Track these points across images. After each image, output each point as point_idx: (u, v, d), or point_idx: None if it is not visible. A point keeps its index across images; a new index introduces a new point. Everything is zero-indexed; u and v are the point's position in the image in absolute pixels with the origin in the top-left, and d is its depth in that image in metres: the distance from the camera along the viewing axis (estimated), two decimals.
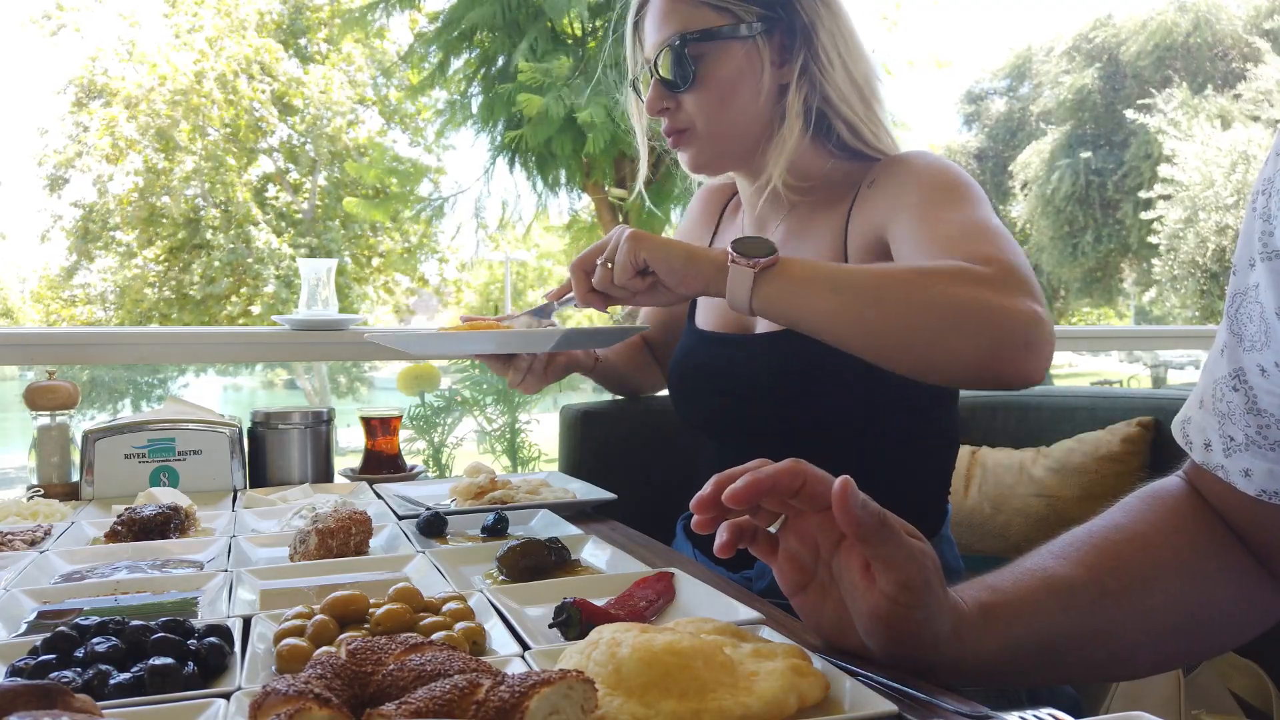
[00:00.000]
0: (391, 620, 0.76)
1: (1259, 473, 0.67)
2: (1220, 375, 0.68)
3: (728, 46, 1.19)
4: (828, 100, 1.20)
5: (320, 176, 17.22)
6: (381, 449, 1.68)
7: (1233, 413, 0.67)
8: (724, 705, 0.60)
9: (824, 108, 1.20)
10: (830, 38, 1.19)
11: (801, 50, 1.19)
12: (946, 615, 0.67)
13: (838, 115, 1.21)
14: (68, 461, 1.58)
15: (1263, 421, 0.64)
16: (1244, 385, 0.65)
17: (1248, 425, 0.65)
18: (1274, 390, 0.63)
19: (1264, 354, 0.62)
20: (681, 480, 1.50)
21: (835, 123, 1.21)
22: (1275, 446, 0.65)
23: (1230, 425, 0.67)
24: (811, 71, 1.19)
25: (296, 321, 1.91)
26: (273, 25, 17.03)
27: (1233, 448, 0.68)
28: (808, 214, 1.25)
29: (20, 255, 26.63)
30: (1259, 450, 0.66)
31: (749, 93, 1.20)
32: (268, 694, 0.55)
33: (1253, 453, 0.66)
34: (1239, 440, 0.67)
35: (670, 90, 1.22)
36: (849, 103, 1.20)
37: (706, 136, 1.23)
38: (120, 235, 16.83)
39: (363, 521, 1.10)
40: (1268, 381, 0.62)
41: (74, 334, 1.97)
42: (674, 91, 1.21)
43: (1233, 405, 0.67)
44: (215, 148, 16.33)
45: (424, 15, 8.90)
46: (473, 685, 0.55)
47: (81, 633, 0.71)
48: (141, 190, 16.33)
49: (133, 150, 16.42)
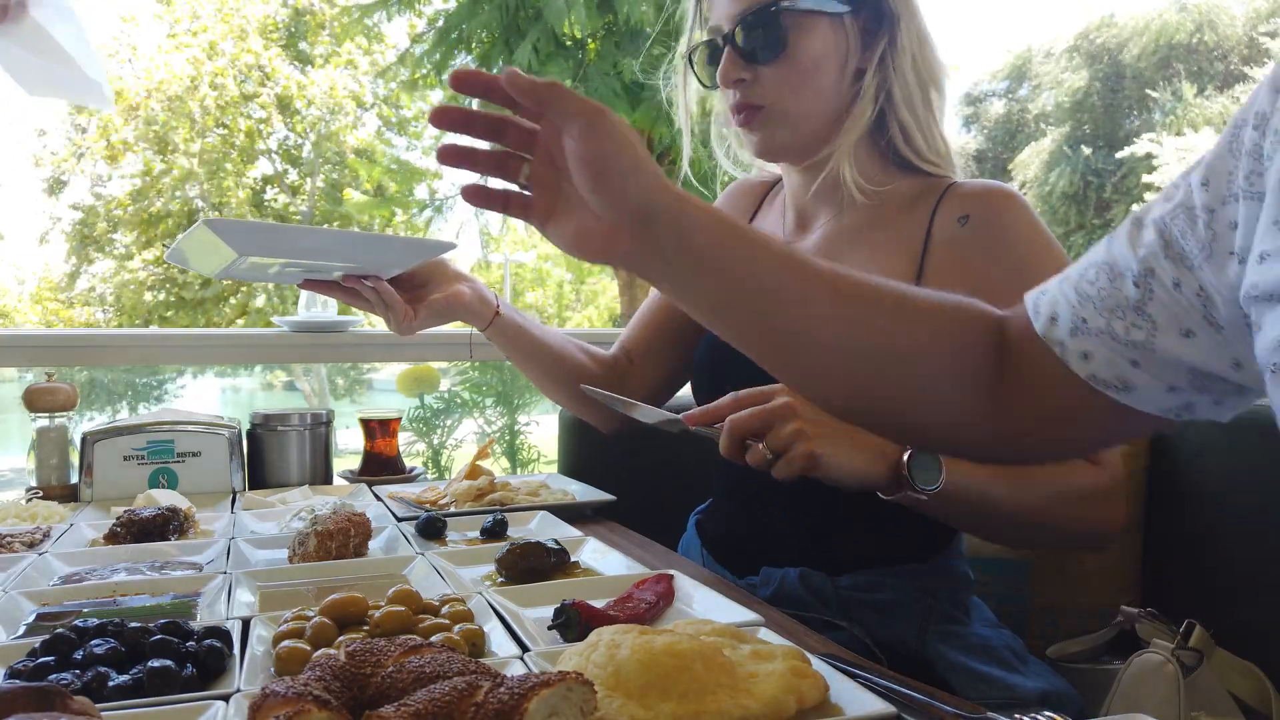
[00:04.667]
0: (390, 622, 0.76)
1: (1100, 360, 0.66)
2: (1098, 260, 0.67)
3: (817, 21, 1.13)
4: (891, 98, 1.16)
5: (319, 178, 17.22)
6: (381, 451, 1.68)
7: (1102, 300, 0.66)
8: (723, 707, 0.60)
9: (886, 105, 1.16)
10: (908, 33, 1.15)
11: (884, 38, 1.15)
12: (637, 151, 0.67)
13: (896, 116, 1.17)
14: (66, 463, 1.58)
15: (1142, 324, 0.63)
16: (1146, 284, 0.63)
17: (1121, 318, 0.65)
18: (1178, 309, 0.62)
19: (1199, 275, 0.61)
20: (682, 482, 1.50)
21: (891, 123, 1.17)
22: (1133, 348, 0.65)
23: (1090, 309, 0.66)
24: (887, 63, 1.15)
25: (295, 323, 1.91)
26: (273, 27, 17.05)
27: (1083, 330, 0.67)
28: (865, 220, 1.20)
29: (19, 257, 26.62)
30: (1112, 344, 0.65)
31: (832, 73, 1.14)
32: (267, 696, 0.55)
33: (1103, 341, 0.66)
34: (1093, 326, 0.66)
35: (750, 61, 1.13)
36: (911, 104, 1.16)
37: (784, 116, 1.16)
38: (118, 237, 16.83)
39: (362, 523, 1.10)
40: (1178, 298, 0.62)
41: (73, 336, 1.98)
42: (755, 63, 1.13)
43: (1106, 294, 0.66)
44: (213, 150, 16.34)
45: (424, 19, 8.91)
46: (472, 687, 0.55)
47: (80, 635, 0.71)
48: (140, 192, 16.34)
49: (131, 152, 16.42)
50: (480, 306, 1.31)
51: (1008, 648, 1.10)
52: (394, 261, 1.24)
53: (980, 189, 1.15)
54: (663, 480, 1.59)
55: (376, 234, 1.48)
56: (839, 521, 1.14)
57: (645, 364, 1.42)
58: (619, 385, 1.39)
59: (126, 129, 16.32)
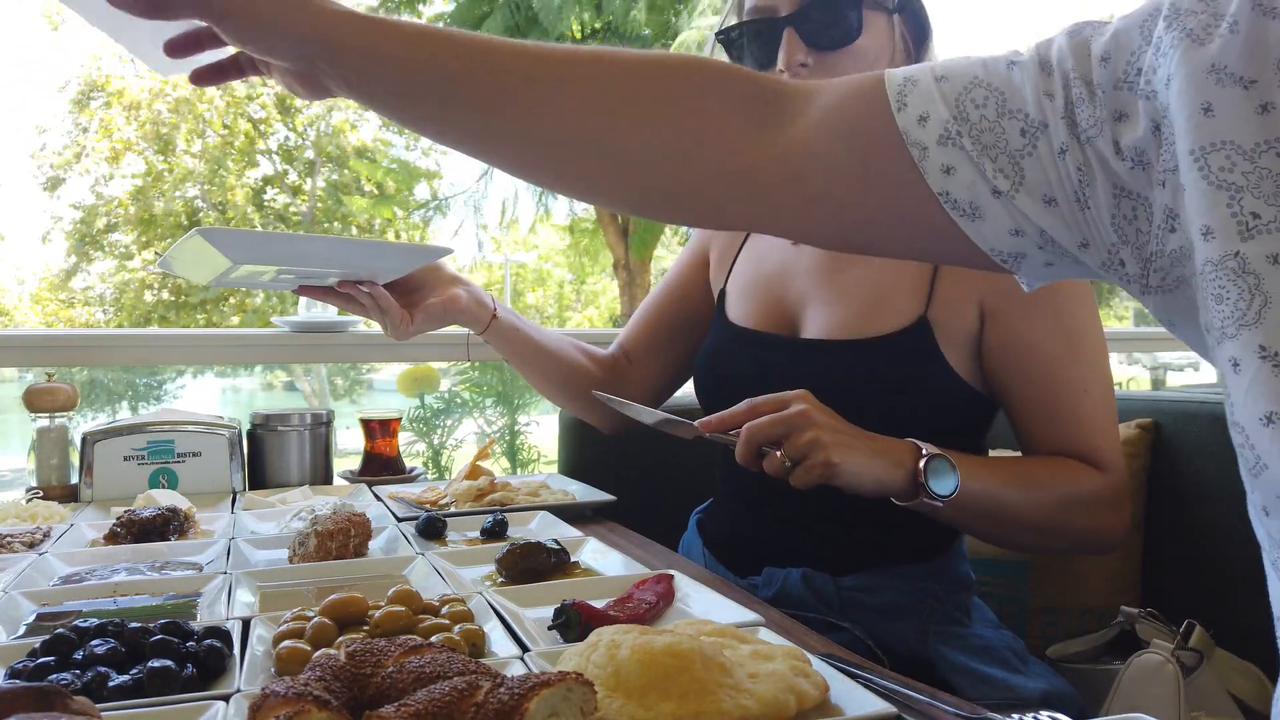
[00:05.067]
0: (391, 622, 0.76)
1: (961, 181, 0.60)
2: (994, 84, 0.60)
3: (877, 15, 1.13)
4: None
5: (319, 179, 17.23)
6: (381, 451, 1.68)
7: (982, 130, 0.60)
8: (723, 707, 0.60)
9: None
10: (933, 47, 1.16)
11: (921, 46, 1.16)
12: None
13: None
14: (66, 463, 1.58)
15: (1010, 174, 0.59)
16: (1033, 138, 0.58)
17: (992, 159, 0.59)
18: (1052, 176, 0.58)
19: (1086, 151, 0.57)
20: (682, 482, 1.50)
21: None
22: (1001, 180, 0.59)
23: (967, 130, 0.60)
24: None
25: (296, 323, 1.92)
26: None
27: (953, 144, 0.60)
28: None
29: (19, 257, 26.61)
30: (979, 171, 0.59)
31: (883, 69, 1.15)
32: (267, 696, 0.55)
33: (972, 162, 0.60)
34: (966, 148, 0.60)
35: (812, 46, 1.10)
36: None
37: None
38: (119, 237, 16.84)
39: (362, 523, 1.10)
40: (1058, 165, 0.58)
41: (73, 336, 1.98)
42: (821, 49, 1.10)
43: (989, 126, 0.60)
44: (215, 150, 16.34)
45: (423, 20, 8.91)
46: (472, 687, 0.55)
47: (80, 635, 0.71)
48: (140, 191, 16.34)
49: (131, 151, 16.43)
50: (477, 310, 1.31)
51: (1009, 648, 1.10)
52: (389, 267, 1.23)
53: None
54: (663, 480, 1.59)
55: (371, 240, 1.47)
56: (841, 523, 1.14)
57: (644, 362, 1.42)
58: (617, 384, 1.38)
59: (128, 128, 16.32)
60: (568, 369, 1.38)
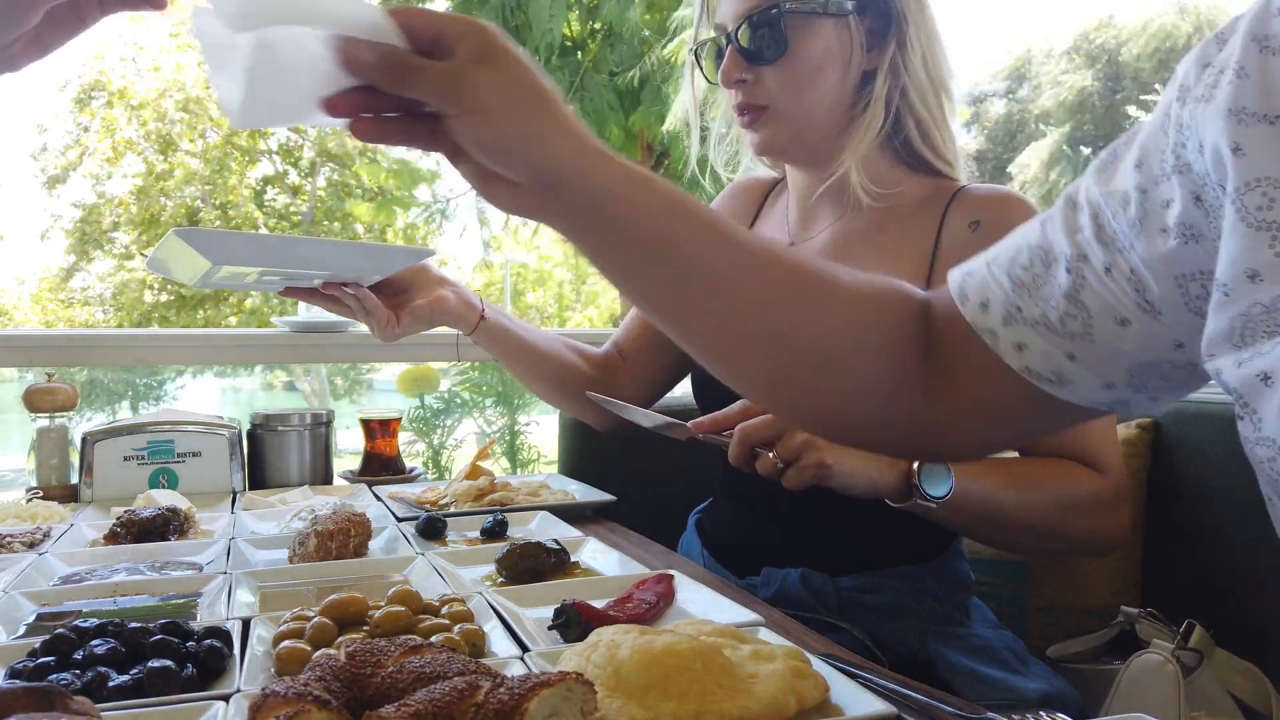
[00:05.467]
0: (391, 622, 0.76)
1: (1035, 352, 0.63)
2: (1033, 243, 0.64)
3: (820, 23, 1.13)
4: (906, 96, 1.16)
5: (320, 178, 17.22)
6: (381, 451, 1.68)
7: (1036, 286, 0.63)
8: (723, 707, 0.60)
9: (901, 104, 1.16)
10: (917, 31, 1.15)
11: (893, 39, 1.15)
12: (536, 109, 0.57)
13: (912, 113, 1.16)
14: (67, 463, 1.58)
15: (1077, 314, 0.61)
16: (1079, 270, 0.61)
17: (1055, 307, 0.62)
18: (1110, 296, 0.60)
19: (1129, 257, 0.58)
20: (681, 482, 1.50)
21: (907, 121, 1.17)
22: (1070, 339, 0.62)
23: (1024, 296, 0.63)
24: (897, 63, 1.15)
25: (296, 323, 1.92)
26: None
27: (1017, 319, 0.64)
28: (872, 223, 1.19)
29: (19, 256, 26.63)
30: (1048, 334, 0.62)
31: (835, 74, 1.14)
32: (267, 696, 0.55)
33: (1038, 332, 0.63)
34: (1028, 315, 0.63)
35: (752, 62, 1.14)
36: (925, 103, 1.16)
37: (787, 116, 1.16)
38: (119, 236, 16.83)
39: (362, 523, 1.10)
40: (1109, 284, 0.59)
41: (73, 336, 1.98)
42: (757, 64, 1.14)
43: (1040, 280, 0.63)
44: (216, 150, 16.33)
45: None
46: (472, 687, 0.55)
47: (80, 635, 0.71)
48: (141, 191, 16.34)
49: (132, 151, 16.42)
50: (464, 311, 1.31)
51: (1008, 649, 1.10)
52: (372, 269, 1.23)
53: (993, 194, 1.15)
54: (663, 480, 1.59)
55: (352, 242, 1.47)
56: (840, 523, 1.14)
57: (637, 361, 1.42)
58: (611, 382, 1.39)
59: (129, 128, 16.32)
60: (560, 368, 1.38)
